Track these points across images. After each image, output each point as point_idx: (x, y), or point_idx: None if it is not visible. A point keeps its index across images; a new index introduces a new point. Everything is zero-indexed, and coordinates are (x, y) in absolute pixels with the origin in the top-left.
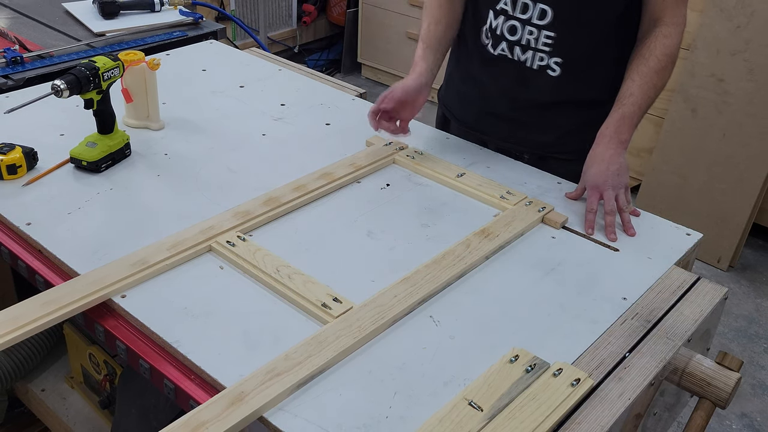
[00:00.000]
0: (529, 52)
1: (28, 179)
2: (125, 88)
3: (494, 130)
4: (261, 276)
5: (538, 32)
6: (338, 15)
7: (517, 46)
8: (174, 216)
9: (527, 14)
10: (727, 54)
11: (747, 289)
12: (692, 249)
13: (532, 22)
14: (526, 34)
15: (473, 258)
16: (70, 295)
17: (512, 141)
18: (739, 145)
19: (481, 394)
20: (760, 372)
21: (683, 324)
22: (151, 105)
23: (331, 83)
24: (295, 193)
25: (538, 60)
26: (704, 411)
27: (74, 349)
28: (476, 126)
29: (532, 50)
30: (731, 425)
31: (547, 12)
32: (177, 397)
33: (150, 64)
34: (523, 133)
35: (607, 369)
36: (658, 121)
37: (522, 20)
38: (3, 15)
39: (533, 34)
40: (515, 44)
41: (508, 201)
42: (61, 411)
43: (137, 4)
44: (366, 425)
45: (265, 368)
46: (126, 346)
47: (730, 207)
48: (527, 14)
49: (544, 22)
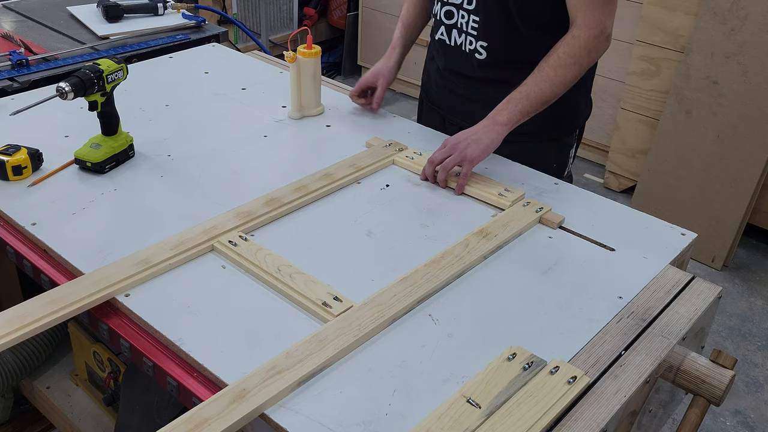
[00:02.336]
0: (462, 35)
1: (34, 180)
2: None
3: (448, 105)
4: (262, 275)
5: (468, 16)
6: (339, 18)
7: (453, 29)
8: (177, 216)
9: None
10: (722, 56)
11: (741, 288)
12: (687, 249)
13: (463, 7)
14: (459, 18)
15: (472, 258)
16: (75, 294)
17: (460, 116)
18: (733, 147)
19: (479, 392)
20: (753, 369)
21: (678, 322)
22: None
23: (331, 85)
24: (296, 193)
25: (468, 44)
26: (699, 408)
27: (79, 347)
28: (437, 102)
29: (464, 33)
30: (725, 422)
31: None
32: (180, 395)
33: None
34: (466, 108)
35: (603, 367)
36: (653, 122)
37: (455, 5)
38: (9, 18)
39: (464, 18)
40: (452, 27)
41: (506, 198)
42: (65, 408)
43: (141, 8)
44: (366, 422)
45: (267, 366)
46: (130, 344)
47: (724, 207)
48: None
49: (471, 6)
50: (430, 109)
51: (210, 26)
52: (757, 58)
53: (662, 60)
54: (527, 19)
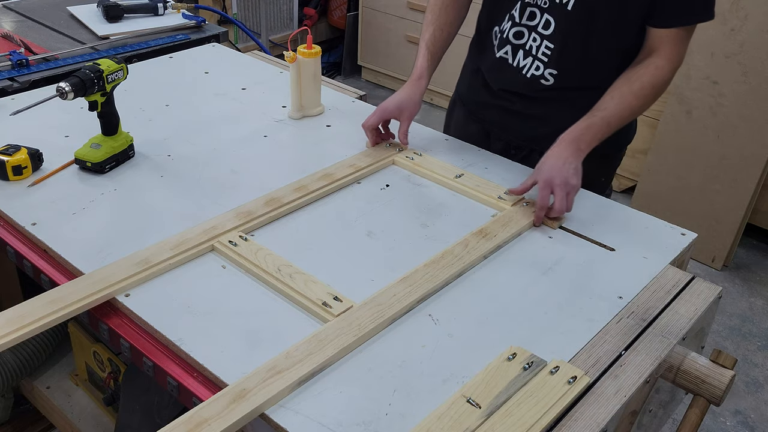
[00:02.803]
0: (529, 58)
1: (34, 180)
2: None
3: (492, 118)
4: (262, 275)
5: (541, 41)
6: (339, 18)
7: (520, 50)
8: (177, 216)
9: (534, 21)
10: (722, 57)
11: (741, 288)
12: (687, 249)
13: (537, 30)
14: (530, 40)
15: (471, 257)
16: (75, 294)
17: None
18: (733, 147)
19: (479, 392)
20: (753, 369)
21: (678, 322)
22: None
23: (331, 86)
24: (296, 193)
25: (534, 69)
26: (699, 408)
27: (79, 347)
28: (477, 113)
29: (532, 57)
30: (725, 422)
31: (551, 23)
32: (180, 395)
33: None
34: (515, 125)
35: (603, 367)
36: (654, 122)
37: (529, 27)
38: (9, 18)
39: (536, 41)
40: (519, 48)
41: (506, 201)
42: (66, 408)
43: (141, 8)
44: (366, 422)
45: (267, 366)
46: (130, 344)
47: (724, 207)
48: (534, 21)
49: (547, 32)
50: (470, 120)
51: (210, 26)
52: (757, 58)
53: None
54: (605, 48)
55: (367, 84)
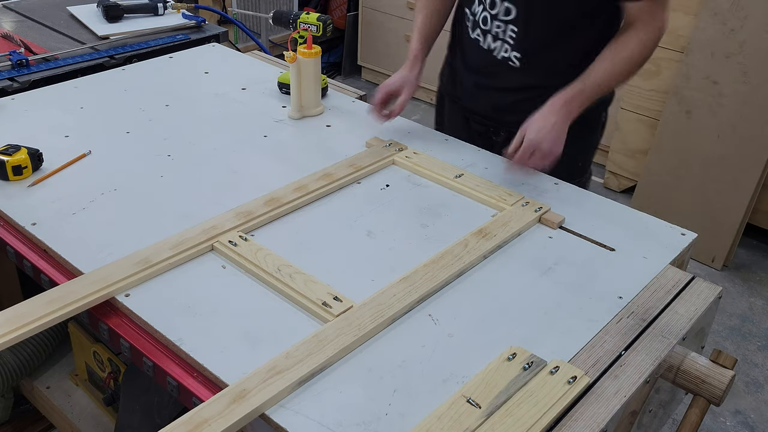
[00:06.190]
0: (498, 41)
1: (34, 180)
2: None
3: (475, 102)
4: (262, 275)
5: (504, 26)
6: (338, 18)
7: (488, 34)
8: (177, 216)
9: (495, 10)
10: (722, 57)
11: (741, 288)
12: (687, 249)
13: (499, 18)
14: (494, 27)
15: (471, 257)
16: (75, 294)
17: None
18: (733, 147)
19: (479, 392)
20: (753, 369)
21: (678, 322)
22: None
23: (332, 85)
24: (296, 193)
25: (503, 51)
26: (699, 408)
27: (79, 346)
28: (463, 99)
29: (500, 40)
30: (725, 422)
31: (512, 10)
32: (180, 395)
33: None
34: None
35: (603, 367)
36: (653, 122)
37: (491, 14)
38: (9, 18)
39: (500, 27)
40: (487, 32)
41: (506, 201)
42: (65, 408)
43: (141, 8)
44: (366, 422)
45: (267, 366)
46: (130, 344)
47: (724, 207)
48: (495, 10)
49: (509, 18)
50: (455, 106)
51: (210, 26)
52: (757, 58)
53: (662, 60)
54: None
55: (367, 84)
